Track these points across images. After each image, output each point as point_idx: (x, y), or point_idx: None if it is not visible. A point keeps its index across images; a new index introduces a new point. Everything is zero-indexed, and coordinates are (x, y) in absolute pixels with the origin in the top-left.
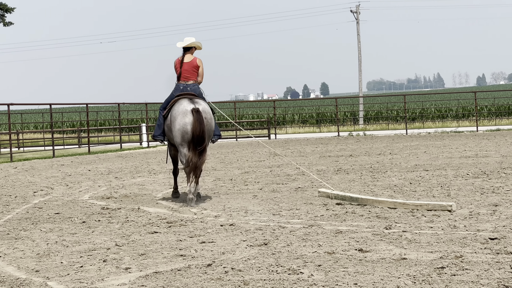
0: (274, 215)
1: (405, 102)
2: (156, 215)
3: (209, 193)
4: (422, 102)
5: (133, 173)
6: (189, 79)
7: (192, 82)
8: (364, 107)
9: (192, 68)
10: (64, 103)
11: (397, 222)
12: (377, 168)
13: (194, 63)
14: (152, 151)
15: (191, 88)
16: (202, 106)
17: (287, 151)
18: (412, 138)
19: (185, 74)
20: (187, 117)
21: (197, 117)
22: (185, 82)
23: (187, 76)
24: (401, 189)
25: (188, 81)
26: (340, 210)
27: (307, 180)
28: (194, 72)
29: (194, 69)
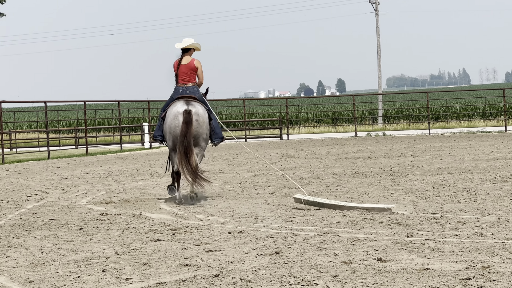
0: (287, 222)
1: (428, 100)
2: (159, 221)
3: (216, 198)
4: (446, 99)
5: (134, 176)
6: (188, 82)
7: (191, 85)
8: (384, 105)
9: (189, 70)
10: (60, 101)
11: (419, 230)
12: (398, 171)
13: (192, 65)
14: (155, 152)
15: (190, 91)
16: (196, 109)
17: (300, 153)
18: (436, 139)
19: (183, 76)
20: (177, 119)
21: (186, 119)
22: (184, 84)
23: (185, 79)
24: (424, 194)
25: (187, 84)
26: (358, 217)
27: (322, 184)
28: (192, 74)
29: (192, 71)
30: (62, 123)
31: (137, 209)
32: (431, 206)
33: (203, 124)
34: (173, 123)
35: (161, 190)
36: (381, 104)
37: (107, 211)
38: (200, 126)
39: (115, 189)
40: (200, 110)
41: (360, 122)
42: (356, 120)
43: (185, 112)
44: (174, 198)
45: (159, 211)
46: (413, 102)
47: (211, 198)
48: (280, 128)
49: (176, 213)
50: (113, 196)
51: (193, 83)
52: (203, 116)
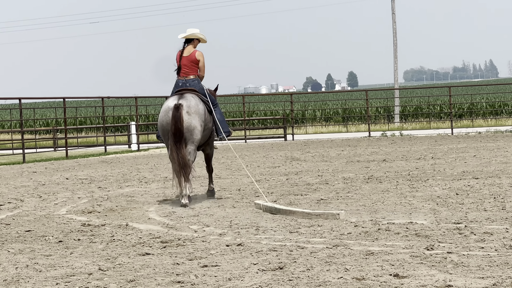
0: (291, 233)
1: (451, 95)
2: (148, 232)
3: (213, 206)
4: (471, 95)
5: (120, 182)
6: (189, 74)
7: (192, 77)
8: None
9: (190, 62)
10: (36, 97)
11: (440, 242)
12: (417, 176)
13: (193, 57)
14: (143, 155)
15: (190, 84)
16: (188, 102)
17: (307, 155)
18: (459, 139)
19: (184, 69)
20: (168, 115)
21: (175, 113)
22: (184, 77)
23: (186, 71)
24: (446, 201)
25: (188, 76)
26: (372, 227)
27: (331, 191)
28: (193, 66)
29: (193, 64)
30: (38, 123)
31: (123, 219)
32: (454, 215)
33: (196, 116)
34: (164, 119)
35: (151, 198)
36: (397, 100)
37: (89, 222)
38: (193, 118)
39: (98, 196)
40: (192, 102)
41: (374, 121)
42: (370, 118)
43: (175, 107)
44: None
45: (148, 222)
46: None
47: (206, 206)
48: (284, 128)
49: (167, 223)
50: (96, 204)
51: (194, 76)
52: (195, 108)
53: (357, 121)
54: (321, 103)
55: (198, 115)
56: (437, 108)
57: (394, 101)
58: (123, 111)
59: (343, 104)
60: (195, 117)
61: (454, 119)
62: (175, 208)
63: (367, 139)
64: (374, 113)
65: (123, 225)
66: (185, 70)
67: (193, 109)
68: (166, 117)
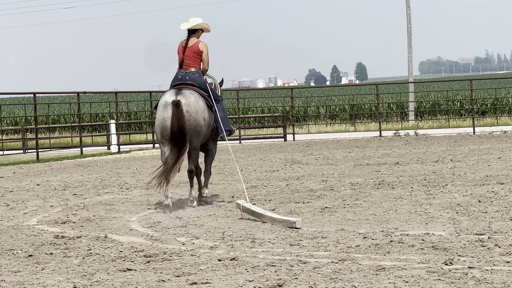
0: (292, 246)
1: (472, 90)
2: (129, 245)
3: (203, 216)
4: (495, 89)
5: (98, 189)
6: (190, 67)
7: (194, 70)
8: (416, 97)
9: (193, 54)
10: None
11: (460, 255)
12: (434, 181)
13: (196, 48)
14: (125, 157)
15: (190, 77)
16: (187, 99)
17: (310, 158)
18: (482, 139)
19: (186, 60)
20: (167, 111)
21: (176, 111)
22: (185, 70)
23: (188, 63)
24: (467, 210)
25: (189, 69)
26: (383, 239)
27: (337, 197)
28: (195, 58)
29: (196, 55)
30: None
31: (101, 230)
32: (476, 225)
33: (196, 115)
34: (161, 115)
35: (133, 206)
36: (412, 95)
37: (63, 233)
38: (192, 118)
39: (73, 205)
40: (191, 99)
41: (386, 119)
42: (381, 115)
43: (174, 103)
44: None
45: (130, 233)
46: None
47: (196, 215)
48: (283, 127)
49: (151, 235)
50: (71, 214)
51: (196, 68)
52: (195, 106)
53: (367, 119)
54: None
55: (199, 113)
56: (457, 104)
57: (408, 96)
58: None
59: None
60: (196, 115)
61: (476, 117)
62: (160, 217)
63: (377, 140)
64: (386, 110)
65: (102, 237)
66: (187, 62)
67: (193, 107)
68: (165, 113)
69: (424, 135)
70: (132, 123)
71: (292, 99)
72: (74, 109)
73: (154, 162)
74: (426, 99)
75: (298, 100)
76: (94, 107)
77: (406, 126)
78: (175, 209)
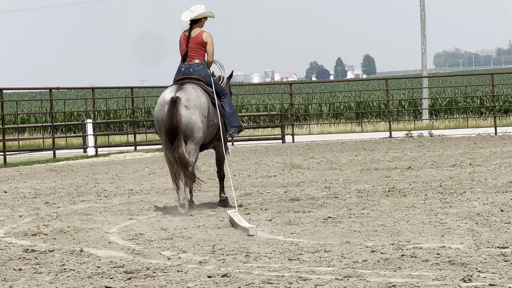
0: (291, 261)
1: (494, 85)
2: (108, 260)
3: (191, 227)
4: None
5: (73, 196)
6: (194, 58)
7: (198, 62)
8: (431, 93)
9: (197, 44)
10: None
11: (480, 271)
12: (450, 188)
13: (200, 38)
14: (103, 161)
15: (194, 69)
16: (187, 94)
17: (311, 161)
18: (505, 141)
19: (190, 52)
20: (163, 110)
21: (171, 108)
22: (188, 62)
23: (191, 55)
24: (487, 220)
25: (192, 61)
26: (393, 253)
27: (342, 207)
28: (199, 49)
29: (200, 46)
30: None
31: (76, 243)
32: (498, 237)
33: (196, 110)
34: (159, 114)
35: (112, 216)
36: (426, 91)
37: (33, 247)
38: (192, 113)
39: (45, 214)
40: (192, 94)
41: (397, 118)
42: (391, 114)
43: (171, 101)
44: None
45: (109, 246)
46: (473, 88)
47: (183, 226)
48: (281, 127)
49: (132, 248)
50: (43, 224)
51: (200, 60)
52: (195, 101)
53: (375, 118)
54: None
55: (199, 110)
56: (476, 101)
57: (422, 93)
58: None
59: (357, 96)
60: (195, 111)
61: (498, 115)
62: (142, 228)
63: (387, 141)
64: (397, 107)
65: (77, 250)
66: (191, 54)
67: (192, 103)
68: (162, 112)
69: (439, 136)
70: (111, 123)
71: (291, 95)
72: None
73: (135, 166)
74: (441, 96)
75: (298, 97)
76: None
77: (420, 126)
78: (160, 218)
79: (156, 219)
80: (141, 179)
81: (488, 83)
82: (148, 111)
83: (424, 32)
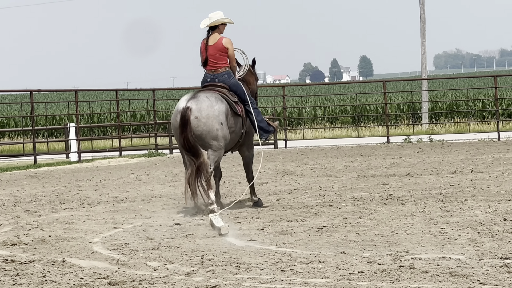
0: (284, 272)
1: (496, 88)
2: (91, 271)
3: (178, 236)
4: None
5: (54, 204)
6: (218, 67)
7: (222, 71)
8: (431, 96)
9: (218, 52)
10: None
11: (482, 283)
12: (451, 195)
13: (220, 45)
14: (86, 167)
15: (220, 79)
16: (199, 104)
17: (305, 168)
18: (508, 146)
19: (212, 60)
20: (176, 119)
21: (182, 119)
22: (213, 71)
23: (214, 63)
24: (490, 230)
25: (217, 70)
26: (391, 264)
27: (337, 215)
28: (221, 56)
29: (222, 53)
30: None
31: (58, 253)
32: (500, 248)
33: (207, 120)
34: (173, 123)
35: (95, 225)
36: (426, 94)
37: (13, 257)
38: (203, 124)
39: (25, 223)
40: (204, 104)
41: (395, 122)
42: (389, 118)
43: (183, 111)
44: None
45: (92, 256)
46: (474, 91)
47: (170, 236)
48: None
49: (117, 259)
50: (23, 233)
51: (225, 69)
52: (207, 111)
53: (372, 122)
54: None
55: (211, 119)
56: (478, 104)
57: (421, 96)
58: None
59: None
60: (206, 122)
61: (502, 120)
62: (128, 238)
63: (385, 146)
64: (395, 111)
65: (59, 261)
66: (213, 62)
67: (204, 113)
68: (175, 121)
69: (439, 141)
70: (95, 127)
71: (284, 98)
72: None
73: (120, 173)
74: (442, 99)
75: (291, 100)
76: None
77: (419, 130)
78: (146, 227)
79: (142, 228)
80: (126, 186)
81: (490, 85)
82: (133, 115)
83: (423, 32)
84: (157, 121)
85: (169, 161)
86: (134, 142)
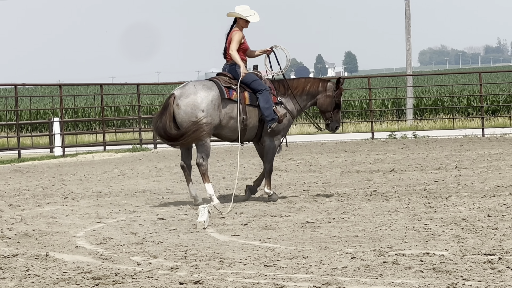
0: (267, 267)
1: (481, 85)
2: (75, 266)
3: (162, 231)
4: (508, 84)
5: (38, 199)
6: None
7: (231, 62)
8: (415, 93)
9: (228, 44)
10: None
11: (466, 279)
12: (435, 192)
13: (230, 37)
14: (70, 162)
15: (228, 69)
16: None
17: (289, 163)
18: (492, 143)
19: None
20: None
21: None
22: (227, 62)
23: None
24: (473, 226)
25: (229, 61)
26: (374, 260)
27: (321, 211)
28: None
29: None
30: None
31: (42, 247)
32: (484, 244)
33: (186, 108)
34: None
35: (79, 219)
36: (410, 90)
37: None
38: (183, 112)
39: (8, 217)
40: (188, 91)
41: (380, 118)
42: (374, 114)
43: (168, 96)
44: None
45: (75, 251)
46: (459, 87)
47: (153, 231)
48: None
49: (100, 253)
50: (6, 228)
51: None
52: (187, 99)
53: (356, 118)
54: None
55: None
56: (463, 101)
57: (406, 92)
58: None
59: None
60: (185, 109)
61: (486, 116)
62: (111, 233)
63: (369, 142)
64: (379, 107)
65: (42, 255)
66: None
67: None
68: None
69: (424, 138)
70: (79, 121)
71: None
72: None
73: (104, 167)
74: (426, 95)
75: None
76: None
77: (403, 127)
78: (129, 222)
79: (126, 222)
80: (110, 180)
81: (475, 82)
82: (118, 109)
83: (408, 28)
84: (141, 116)
85: (153, 156)
86: (119, 137)
